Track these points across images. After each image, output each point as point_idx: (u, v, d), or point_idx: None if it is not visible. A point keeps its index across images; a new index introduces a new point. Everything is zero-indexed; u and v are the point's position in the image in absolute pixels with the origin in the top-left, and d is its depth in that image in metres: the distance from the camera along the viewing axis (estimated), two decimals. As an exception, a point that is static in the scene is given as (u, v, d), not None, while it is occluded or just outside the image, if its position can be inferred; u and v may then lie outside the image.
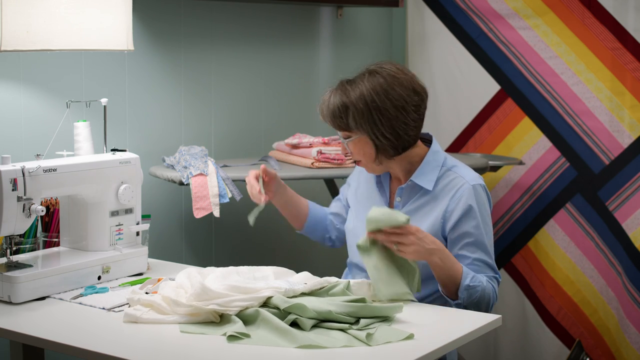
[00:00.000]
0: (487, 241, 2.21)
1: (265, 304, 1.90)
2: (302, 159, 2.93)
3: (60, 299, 2.08)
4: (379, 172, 2.30)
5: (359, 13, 3.70)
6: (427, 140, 2.32)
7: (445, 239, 2.22)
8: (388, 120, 2.17)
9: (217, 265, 2.48)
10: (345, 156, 2.27)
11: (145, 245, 2.37)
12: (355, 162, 2.31)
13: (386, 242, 2.06)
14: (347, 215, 2.46)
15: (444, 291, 2.15)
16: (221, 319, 1.88)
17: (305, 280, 2.08)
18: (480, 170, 3.21)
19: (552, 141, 3.44)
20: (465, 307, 2.14)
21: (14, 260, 2.14)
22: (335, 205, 2.53)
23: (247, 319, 1.86)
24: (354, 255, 2.36)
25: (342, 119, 2.20)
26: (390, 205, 2.32)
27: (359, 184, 2.42)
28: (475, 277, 2.14)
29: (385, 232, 2.05)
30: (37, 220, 2.36)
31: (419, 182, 2.24)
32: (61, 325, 1.92)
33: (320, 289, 1.98)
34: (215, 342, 1.78)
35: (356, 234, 2.31)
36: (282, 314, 1.86)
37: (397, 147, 2.22)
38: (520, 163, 3.40)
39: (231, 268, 2.10)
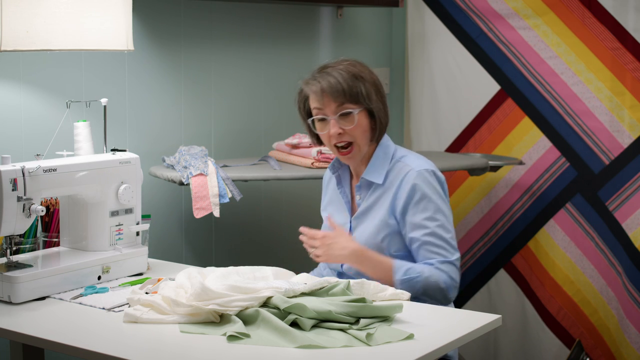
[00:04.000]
0: (438, 222, 2.23)
1: (265, 304, 1.90)
2: (302, 159, 2.93)
3: (60, 299, 2.08)
4: (359, 158, 2.31)
5: (359, 13, 3.69)
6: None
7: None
8: (382, 97, 2.29)
9: (217, 265, 2.48)
10: (330, 140, 2.27)
11: (145, 245, 2.37)
12: (342, 148, 2.29)
13: (306, 247, 2.29)
14: None
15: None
16: (221, 319, 1.88)
17: (305, 280, 2.08)
18: (480, 170, 3.20)
19: (552, 141, 3.44)
20: (418, 299, 2.16)
21: (14, 260, 2.14)
22: None
23: (247, 319, 1.86)
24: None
25: (352, 89, 2.24)
26: (352, 203, 2.38)
27: (326, 195, 2.48)
28: (412, 268, 2.19)
29: (306, 237, 2.27)
30: (37, 220, 2.36)
31: (369, 178, 2.31)
32: (61, 325, 1.92)
33: (320, 289, 1.98)
34: (215, 342, 1.78)
35: None
36: (282, 314, 1.86)
37: (382, 129, 2.31)
38: (520, 163, 3.39)
39: (231, 268, 2.10)
